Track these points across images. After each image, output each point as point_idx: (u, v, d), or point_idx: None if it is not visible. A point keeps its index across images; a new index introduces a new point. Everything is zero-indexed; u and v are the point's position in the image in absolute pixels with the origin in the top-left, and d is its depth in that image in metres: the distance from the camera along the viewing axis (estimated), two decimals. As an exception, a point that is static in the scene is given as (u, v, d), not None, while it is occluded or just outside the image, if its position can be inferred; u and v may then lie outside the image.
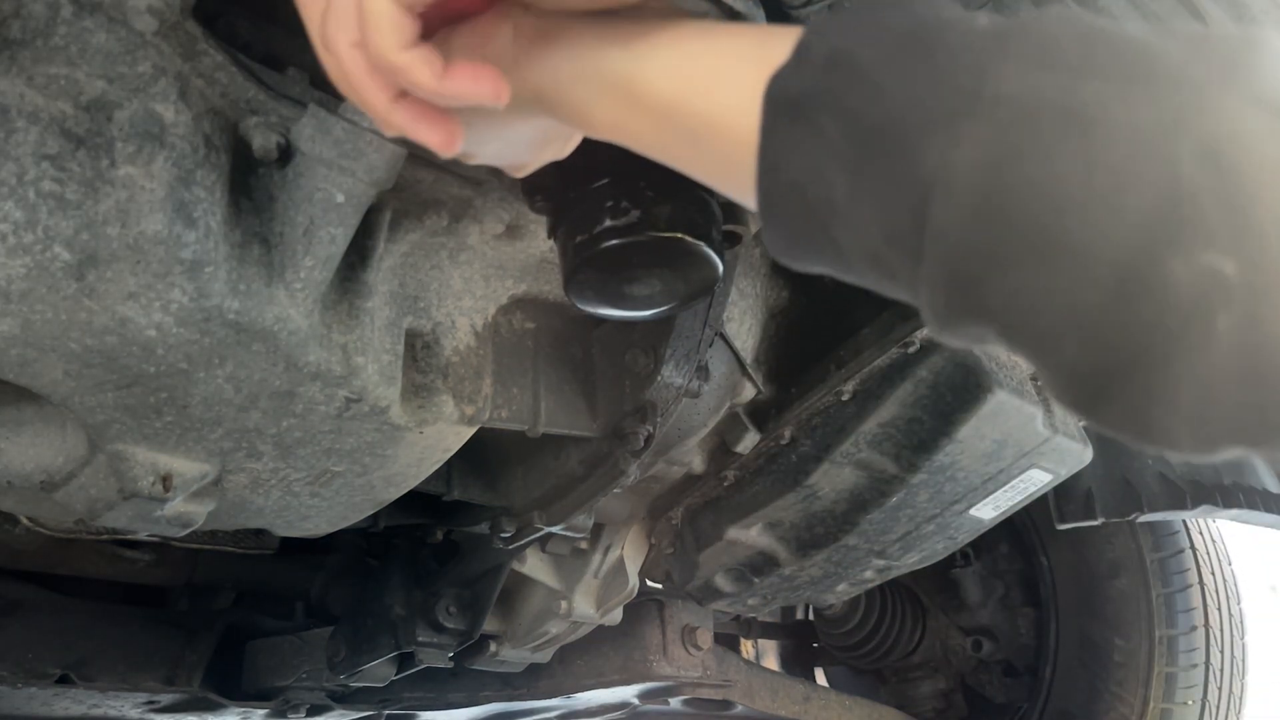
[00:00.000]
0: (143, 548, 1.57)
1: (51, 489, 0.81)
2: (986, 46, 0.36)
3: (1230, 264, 0.30)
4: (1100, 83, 0.33)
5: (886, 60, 0.38)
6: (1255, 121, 0.31)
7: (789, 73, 0.41)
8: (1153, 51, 0.33)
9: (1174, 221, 0.31)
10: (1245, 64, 0.32)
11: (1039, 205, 0.33)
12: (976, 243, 0.35)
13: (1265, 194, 0.30)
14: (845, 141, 0.38)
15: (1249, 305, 0.30)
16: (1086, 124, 0.33)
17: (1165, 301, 0.32)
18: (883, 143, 0.37)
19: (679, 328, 0.93)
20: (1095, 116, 0.33)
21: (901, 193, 0.37)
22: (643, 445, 0.95)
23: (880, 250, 0.39)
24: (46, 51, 0.58)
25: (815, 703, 1.95)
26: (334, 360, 0.74)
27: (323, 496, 0.91)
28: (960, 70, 0.36)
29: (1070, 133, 0.33)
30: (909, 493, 1.14)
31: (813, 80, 0.40)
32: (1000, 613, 2.17)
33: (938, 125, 0.36)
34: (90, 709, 1.51)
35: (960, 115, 0.35)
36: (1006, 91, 0.34)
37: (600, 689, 1.66)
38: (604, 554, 1.35)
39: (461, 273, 0.87)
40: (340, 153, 0.64)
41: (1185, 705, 1.88)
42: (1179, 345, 0.32)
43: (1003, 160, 0.34)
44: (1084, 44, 0.35)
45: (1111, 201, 0.32)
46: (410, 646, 1.35)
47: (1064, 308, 0.34)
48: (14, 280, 0.60)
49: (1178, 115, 0.32)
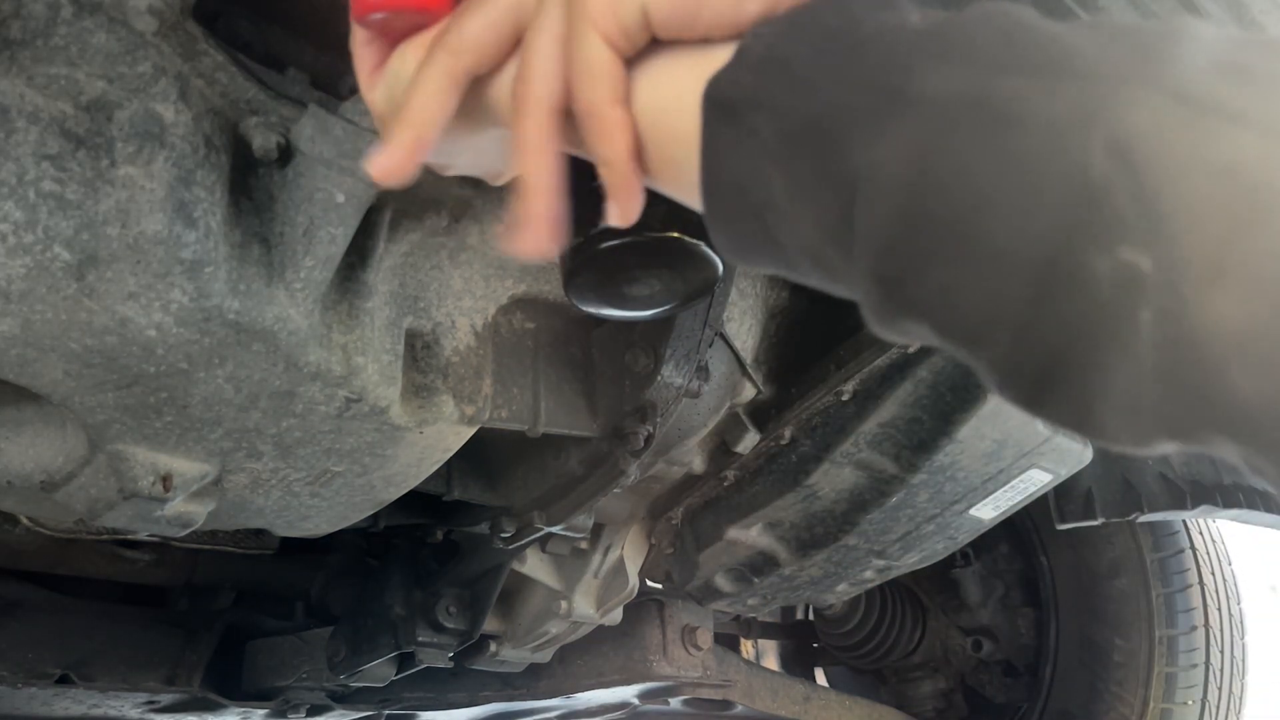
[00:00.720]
0: (143, 548, 1.57)
1: (51, 489, 0.81)
2: (914, 44, 0.36)
3: (1145, 259, 0.30)
4: (1018, 78, 0.33)
5: (818, 60, 0.38)
6: (1167, 114, 0.30)
7: (726, 75, 0.41)
8: (1070, 45, 0.33)
9: (1090, 217, 0.31)
10: (1160, 55, 0.32)
11: (960, 203, 0.34)
12: (901, 241, 0.35)
13: (1177, 188, 0.30)
14: (778, 141, 0.39)
15: (1166, 300, 0.30)
16: (1004, 120, 0.33)
17: (1088, 297, 0.32)
18: (813, 142, 0.38)
19: (679, 328, 0.93)
20: (1012, 112, 0.33)
21: (832, 191, 0.37)
22: (643, 445, 0.95)
23: (819, 249, 0.40)
24: (47, 51, 0.58)
25: (815, 703, 1.95)
26: (334, 360, 0.74)
27: (323, 496, 0.91)
28: (888, 69, 0.36)
29: (988, 129, 0.33)
30: (909, 493, 1.14)
31: (748, 81, 0.40)
32: (1000, 613, 2.17)
33: (864, 124, 0.36)
34: (90, 709, 1.51)
35: (885, 114, 0.36)
36: (929, 90, 0.35)
37: (600, 689, 1.66)
38: (604, 554, 1.35)
39: (461, 273, 0.87)
40: (340, 153, 0.64)
41: (1185, 705, 1.88)
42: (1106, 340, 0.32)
43: (924, 158, 0.34)
44: (1006, 40, 0.35)
45: (1029, 198, 0.32)
46: (410, 646, 1.35)
47: (991, 305, 0.34)
48: (14, 280, 0.60)
49: (1090, 109, 0.32)
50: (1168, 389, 0.31)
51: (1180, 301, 0.30)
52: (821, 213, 0.38)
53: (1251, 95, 0.30)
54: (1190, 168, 0.29)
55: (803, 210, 0.39)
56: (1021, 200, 0.32)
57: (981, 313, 0.35)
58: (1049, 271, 0.32)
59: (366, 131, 0.64)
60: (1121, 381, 0.32)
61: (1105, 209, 0.31)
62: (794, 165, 0.39)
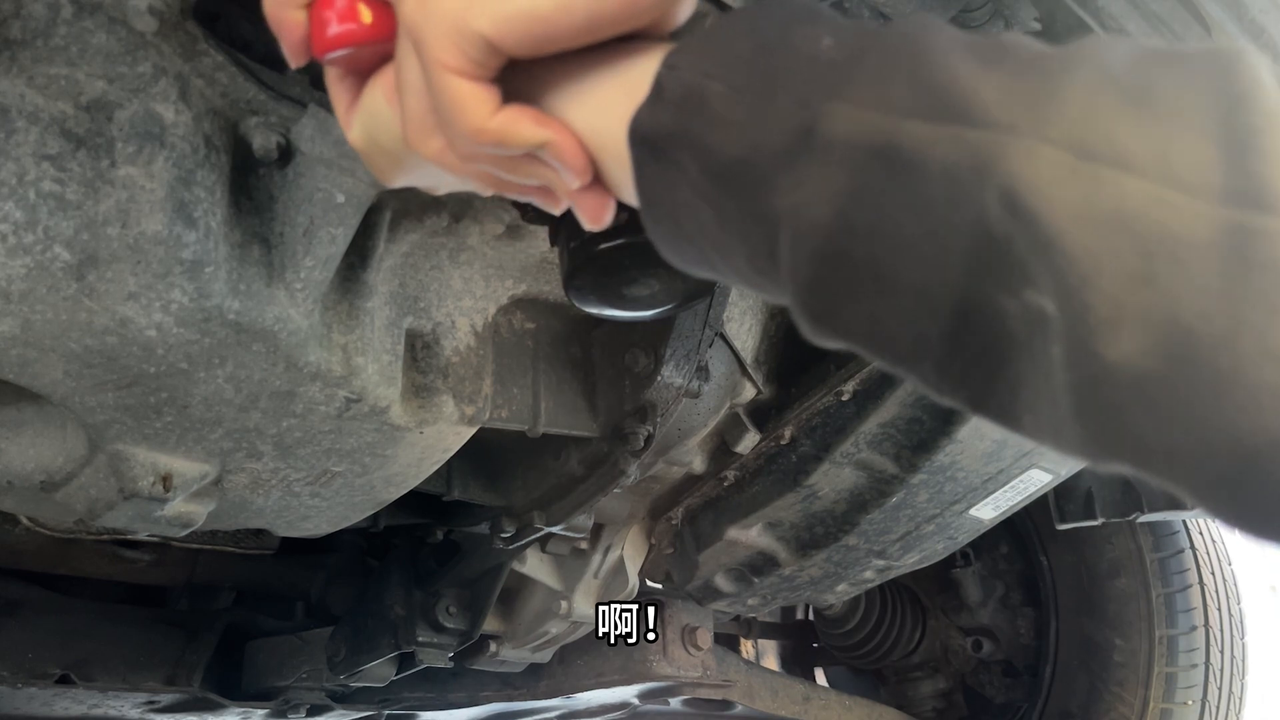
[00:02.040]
0: (143, 548, 1.57)
1: (52, 489, 0.81)
2: (823, 80, 0.37)
3: (1049, 303, 0.31)
4: (920, 123, 0.34)
5: (734, 96, 0.39)
6: (1056, 165, 0.31)
7: (647, 113, 0.42)
8: (970, 89, 0.34)
9: (993, 262, 0.32)
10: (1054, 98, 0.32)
11: (875, 245, 0.35)
12: (823, 278, 0.37)
13: (1070, 239, 0.30)
14: (705, 178, 0.40)
15: (1072, 342, 0.31)
16: (908, 168, 0.34)
17: (1002, 331, 0.33)
18: (736, 181, 0.39)
19: (679, 328, 0.93)
20: (916, 160, 0.34)
21: (757, 229, 0.39)
22: (643, 445, 0.95)
23: (752, 277, 0.41)
24: (47, 52, 0.58)
25: (815, 703, 1.95)
26: (334, 360, 0.74)
27: (323, 496, 0.91)
28: (798, 108, 0.37)
29: (896, 177, 0.34)
30: (909, 493, 1.14)
31: (669, 119, 0.41)
32: (1000, 613, 2.17)
33: (780, 166, 0.37)
34: (90, 709, 1.51)
35: (799, 155, 0.36)
36: (839, 132, 0.35)
37: (600, 689, 1.66)
38: (604, 554, 1.35)
39: (461, 273, 0.87)
40: (340, 153, 0.64)
41: (1185, 705, 1.88)
42: (1023, 370, 0.33)
43: (838, 202, 0.35)
44: (911, 79, 0.35)
45: (937, 243, 0.33)
46: (410, 646, 1.35)
47: (912, 337, 0.35)
48: (14, 280, 0.60)
49: (983, 161, 0.32)
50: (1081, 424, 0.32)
51: (1084, 345, 0.30)
52: (749, 248, 0.40)
53: (1145, 131, 0.30)
54: (1081, 218, 0.30)
55: (733, 243, 0.40)
56: (931, 245, 0.33)
57: (904, 343, 0.36)
58: (962, 309, 0.33)
59: (366, 131, 0.64)
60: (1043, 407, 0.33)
61: (1006, 256, 0.32)
62: (721, 203, 0.40)
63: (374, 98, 0.49)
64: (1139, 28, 0.74)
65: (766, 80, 0.38)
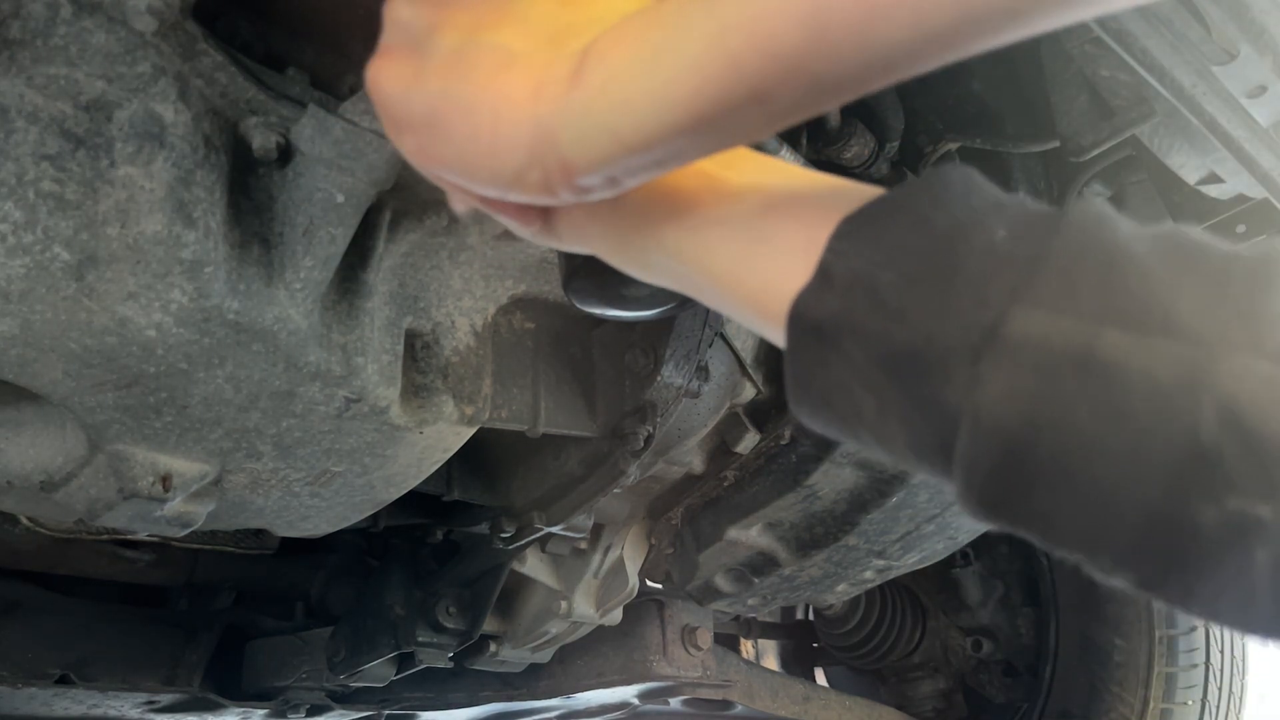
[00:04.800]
0: (143, 548, 1.57)
1: (51, 489, 0.81)
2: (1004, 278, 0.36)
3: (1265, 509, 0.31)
4: (1119, 331, 0.34)
5: (906, 286, 0.38)
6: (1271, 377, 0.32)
7: (811, 296, 0.41)
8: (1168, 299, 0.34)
9: (1201, 474, 0.32)
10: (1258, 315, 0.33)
11: (1064, 449, 0.34)
12: (1004, 476, 0.36)
13: None
14: (869, 366, 0.39)
15: None
16: (1107, 374, 0.33)
17: (1196, 539, 0.33)
18: (907, 372, 0.38)
19: (679, 328, 0.93)
20: (1115, 367, 0.33)
21: (928, 422, 0.38)
22: (643, 445, 0.95)
23: (909, 458, 0.41)
24: (46, 51, 0.58)
25: (815, 703, 1.95)
26: (334, 360, 0.74)
27: (323, 497, 0.91)
28: (979, 304, 0.36)
29: (1092, 382, 0.34)
30: (909, 493, 1.14)
31: (835, 305, 0.40)
32: (1000, 613, 2.17)
33: (960, 361, 0.36)
34: (90, 709, 1.51)
35: (982, 353, 0.36)
36: (1027, 334, 0.35)
37: (600, 689, 1.66)
38: (604, 554, 1.35)
39: (461, 273, 0.87)
40: (340, 153, 0.64)
41: (1185, 705, 1.88)
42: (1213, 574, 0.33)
43: (1026, 404, 0.35)
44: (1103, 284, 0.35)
45: (1135, 453, 0.33)
46: (410, 646, 1.35)
47: (1094, 533, 0.35)
48: (14, 280, 0.60)
49: (1195, 373, 0.32)
50: None
51: None
52: (913, 436, 0.39)
53: None
54: None
55: (895, 430, 0.40)
56: (1127, 454, 0.33)
57: (1083, 539, 0.35)
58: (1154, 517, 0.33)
59: (366, 131, 0.64)
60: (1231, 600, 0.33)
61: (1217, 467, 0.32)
62: (887, 392, 0.39)
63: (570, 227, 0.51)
64: (1140, 29, 0.74)
65: (942, 273, 0.38)
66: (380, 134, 0.64)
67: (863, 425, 0.41)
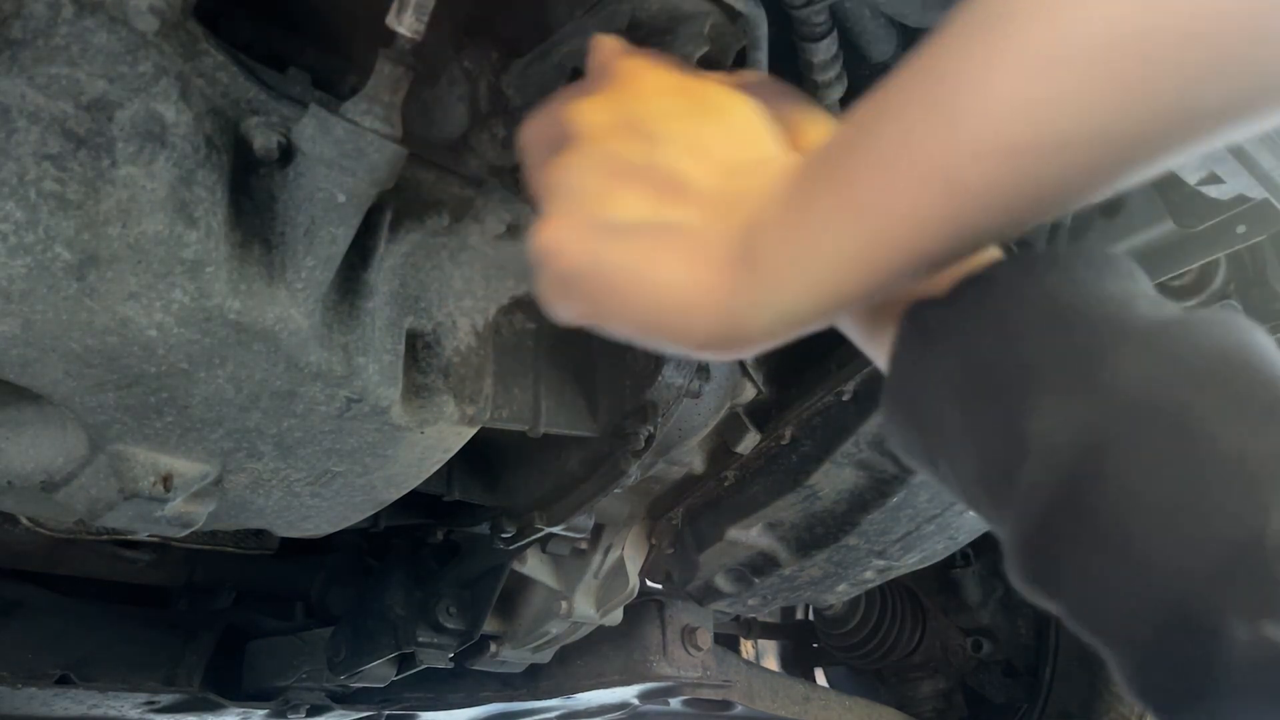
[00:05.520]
0: (143, 548, 1.57)
1: (52, 489, 0.81)
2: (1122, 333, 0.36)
3: None
4: (1220, 401, 0.32)
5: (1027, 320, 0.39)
6: None
7: (932, 304, 0.42)
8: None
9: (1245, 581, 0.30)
10: None
11: (1123, 499, 0.33)
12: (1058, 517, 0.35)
13: None
14: (964, 381, 0.40)
15: None
16: (1192, 435, 0.32)
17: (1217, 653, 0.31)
18: (997, 395, 0.38)
19: (680, 328, 0.93)
20: (1203, 431, 0.32)
21: (1002, 446, 0.38)
22: (643, 445, 0.95)
23: (972, 489, 0.41)
24: (48, 51, 0.58)
25: (815, 703, 1.94)
26: (335, 360, 0.74)
27: (323, 497, 0.91)
28: (1088, 349, 0.36)
29: (1174, 439, 0.32)
30: (909, 493, 1.14)
31: (951, 316, 0.41)
32: (1000, 613, 2.17)
33: (1050, 395, 0.36)
34: (90, 709, 1.51)
35: (1074, 393, 0.35)
36: (1122, 380, 0.34)
37: (600, 689, 1.66)
38: (604, 554, 1.35)
39: (462, 273, 0.87)
40: (341, 153, 0.64)
41: (1185, 705, 1.88)
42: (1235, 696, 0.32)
43: (1100, 446, 0.34)
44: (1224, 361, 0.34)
45: (1186, 527, 0.31)
46: (410, 647, 1.35)
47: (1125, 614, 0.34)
48: (15, 280, 0.60)
49: None
50: None
51: None
52: (986, 461, 0.39)
53: None
54: None
55: (969, 450, 0.40)
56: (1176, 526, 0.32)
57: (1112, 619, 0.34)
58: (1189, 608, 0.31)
59: (368, 131, 0.64)
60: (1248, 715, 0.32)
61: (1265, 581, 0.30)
62: (972, 409, 0.39)
63: None
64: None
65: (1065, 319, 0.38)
66: (381, 134, 0.64)
67: (941, 441, 0.42)
